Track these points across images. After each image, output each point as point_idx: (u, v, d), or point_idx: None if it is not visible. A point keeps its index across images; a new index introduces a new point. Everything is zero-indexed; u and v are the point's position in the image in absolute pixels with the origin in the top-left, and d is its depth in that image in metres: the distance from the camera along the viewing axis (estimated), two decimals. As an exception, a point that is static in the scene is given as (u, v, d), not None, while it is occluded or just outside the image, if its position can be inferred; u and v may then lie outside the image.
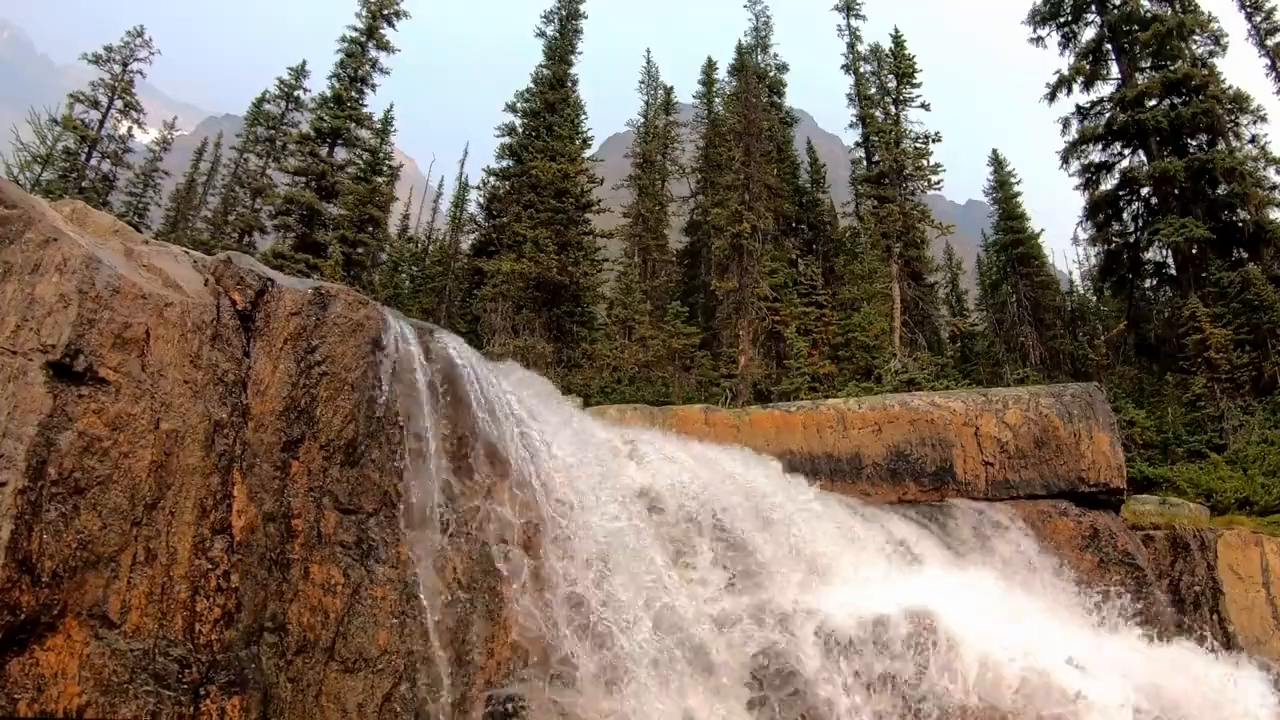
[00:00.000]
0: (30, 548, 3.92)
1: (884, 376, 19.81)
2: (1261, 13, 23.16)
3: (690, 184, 33.07)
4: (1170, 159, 21.25)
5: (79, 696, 4.00)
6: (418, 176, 47.30)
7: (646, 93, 34.92)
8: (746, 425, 10.47)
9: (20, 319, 4.29)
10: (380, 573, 5.20)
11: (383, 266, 30.53)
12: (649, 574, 6.43)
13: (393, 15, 26.70)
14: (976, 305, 32.87)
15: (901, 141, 25.52)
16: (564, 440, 7.16)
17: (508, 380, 7.39)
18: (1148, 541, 10.43)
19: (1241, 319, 18.77)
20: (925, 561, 8.62)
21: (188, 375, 4.89)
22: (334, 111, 25.25)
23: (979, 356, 25.87)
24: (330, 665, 4.86)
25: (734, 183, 24.87)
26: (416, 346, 6.10)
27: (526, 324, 22.51)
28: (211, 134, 39.02)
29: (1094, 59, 24.43)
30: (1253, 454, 15.72)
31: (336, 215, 25.13)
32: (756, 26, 33.02)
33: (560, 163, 24.64)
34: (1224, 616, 9.64)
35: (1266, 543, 10.16)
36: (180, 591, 4.49)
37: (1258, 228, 20.73)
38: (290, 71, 29.06)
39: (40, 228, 4.59)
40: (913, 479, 10.43)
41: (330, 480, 5.27)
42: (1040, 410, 10.86)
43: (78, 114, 25.28)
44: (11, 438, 4.00)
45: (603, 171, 27.75)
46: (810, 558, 7.61)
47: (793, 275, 25.94)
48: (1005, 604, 7.71)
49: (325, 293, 5.69)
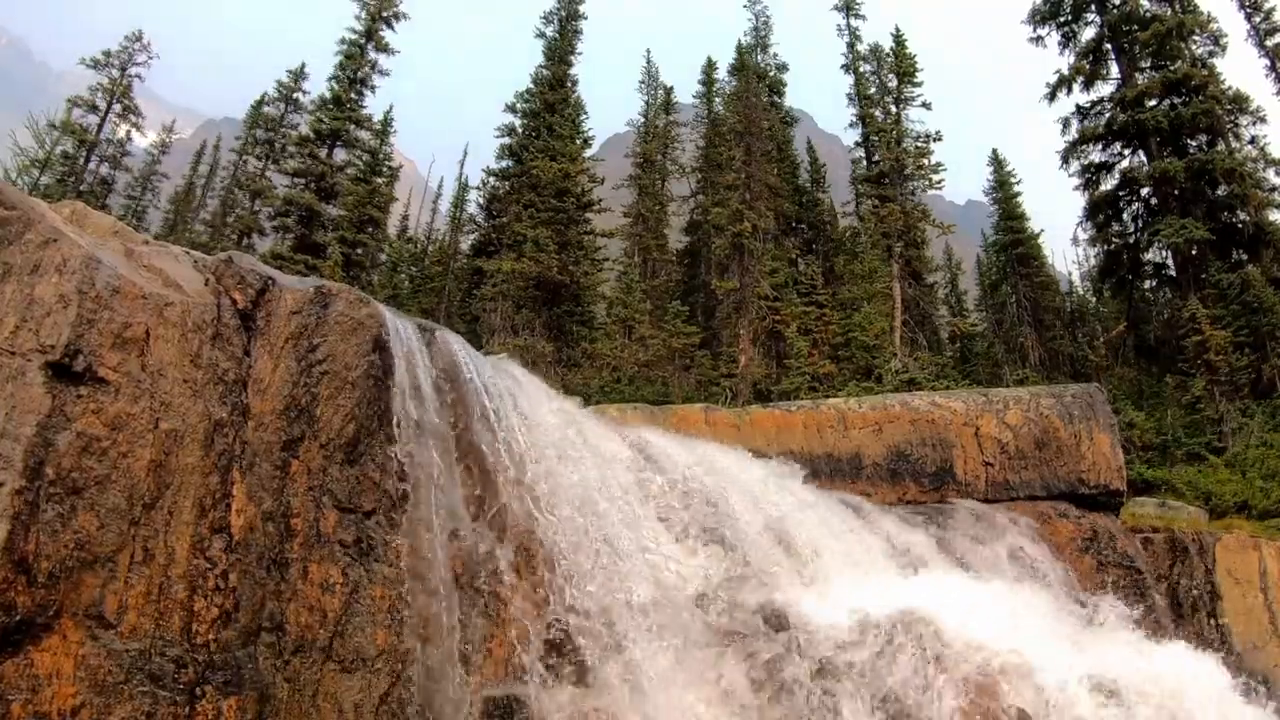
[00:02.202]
0: (27, 548, 3.92)
1: (884, 376, 19.81)
2: (1261, 13, 23.17)
3: (690, 184, 33.09)
4: (1170, 159, 21.25)
5: (74, 697, 3.99)
6: (417, 177, 47.30)
7: (646, 93, 34.98)
8: (747, 425, 10.45)
9: (19, 319, 4.28)
10: (379, 572, 5.19)
11: (382, 267, 30.55)
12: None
13: (392, 17, 26.74)
14: (976, 305, 32.87)
15: (902, 141, 25.54)
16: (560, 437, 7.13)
17: (506, 377, 7.37)
18: (1146, 544, 10.40)
19: (1241, 321, 18.74)
20: (923, 562, 8.60)
21: (187, 375, 4.88)
22: (333, 113, 25.27)
23: (979, 357, 25.86)
24: (328, 665, 4.85)
25: (734, 182, 24.88)
26: (417, 345, 6.09)
27: (526, 323, 22.52)
28: (210, 136, 39.05)
29: (1094, 59, 24.44)
30: (1252, 457, 15.69)
31: (336, 216, 25.15)
32: (756, 26, 33.11)
33: (560, 162, 24.66)
34: (1222, 621, 9.62)
35: (1265, 547, 10.13)
36: (178, 591, 4.48)
37: (1257, 229, 20.73)
38: (289, 74, 29.08)
39: (40, 228, 4.59)
40: (913, 479, 10.41)
41: (330, 479, 5.26)
42: (1041, 411, 10.84)
43: (76, 118, 25.31)
44: (9, 438, 3.99)
45: (603, 171, 27.76)
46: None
47: (793, 275, 25.95)
48: (1004, 606, 7.68)
49: (326, 291, 5.69)
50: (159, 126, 31.81)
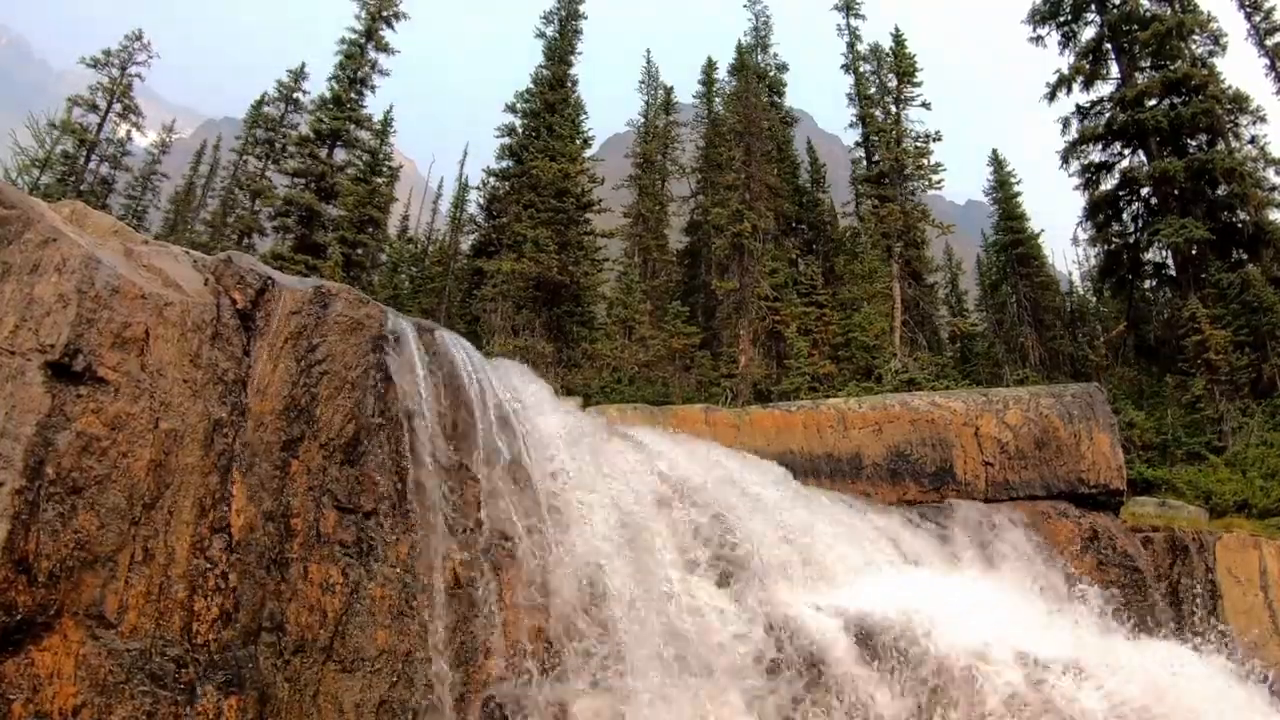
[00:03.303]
0: (27, 548, 3.92)
1: (884, 376, 19.80)
2: (1261, 13, 23.16)
3: (690, 184, 33.08)
4: (1170, 159, 21.23)
5: (75, 697, 3.99)
6: (417, 177, 47.30)
7: (646, 93, 34.97)
8: (747, 425, 10.45)
9: (19, 319, 4.28)
10: (379, 572, 5.19)
11: (382, 267, 30.54)
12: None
13: (391, 17, 26.73)
14: (976, 305, 32.86)
15: (902, 141, 25.52)
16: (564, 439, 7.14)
17: (505, 376, 7.36)
18: (1147, 543, 10.40)
19: (1241, 320, 18.73)
20: (923, 562, 8.60)
21: (187, 374, 4.88)
22: (333, 113, 25.25)
23: (979, 357, 25.85)
24: (328, 665, 4.85)
25: (734, 182, 24.88)
26: (417, 345, 6.09)
27: (526, 324, 22.50)
28: (210, 136, 39.05)
29: (1094, 58, 24.42)
30: (1252, 456, 15.68)
31: (336, 216, 25.14)
32: (756, 26, 33.10)
33: (560, 162, 24.65)
34: (1222, 620, 9.61)
35: (1265, 545, 10.13)
36: (178, 591, 4.48)
37: (1257, 229, 20.72)
38: (289, 74, 29.04)
39: (39, 228, 4.59)
40: (913, 479, 10.41)
41: (330, 479, 5.26)
42: (1041, 411, 10.84)
43: (76, 117, 25.28)
44: (9, 438, 4.00)
45: (603, 171, 27.75)
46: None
47: (793, 275, 25.93)
48: (1003, 606, 7.68)
49: (326, 291, 5.69)
50: (159, 126, 31.80)
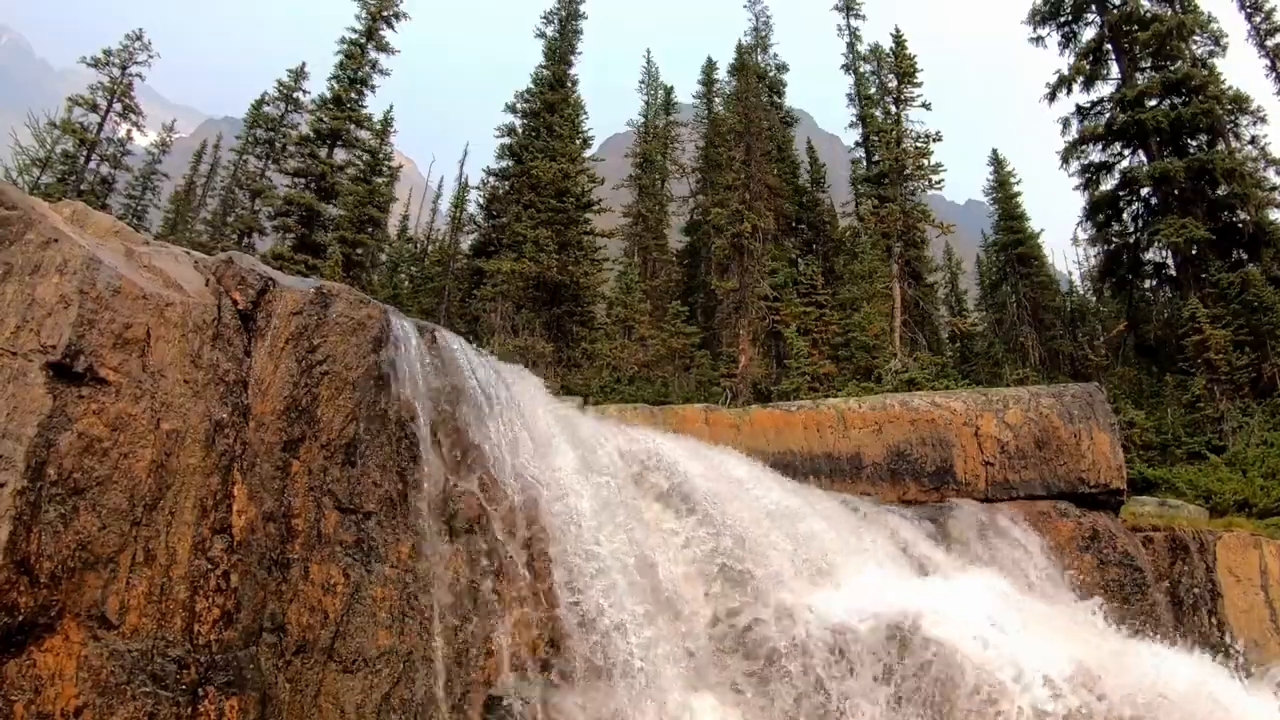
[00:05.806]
0: (29, 549, 3.92)
1: (884, 376, 19.78)
2: (1261, 13, 23.18)
3: (690, 184, 33.10)
4: (1170, 159, 21.24)
5: (76, 698, 3.99)
6: (417, 177, 47.31)
7: (646, 93, 35.00)
8: (746, 425, 10.46)
9: (20, 320, 4.28)
10: (380, 572, 5.19)
11: (382, 267, 30.54)
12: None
13: (392, 17, 26.71)
14: (976, 305, 32.88)
15: (902, 141, 25.50)
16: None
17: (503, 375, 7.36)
18: (1147, 543, 10.41)
19: (1241, 320, 18.74)
20: (922, 562, 8.60)
21: (188, 375, 4.89)
22: (333, 113, 25.24)
23: (979, 356, 25.83)
24: (329, 665, 4.85)
25: (734, 182, 24.87)
26: (418, 345, 6.09)
27: (526, 324, 22.49)
28: (210, 136, 39.03)
29: (1094, 59, 24.43)
30: (1252, 456, 15.69)
31: (336, 216, 25.13)
32: (756, 26, 33.11)
33: (560, 162, 24.65)
34: (1222, 619, 9.63)
35: (1265, 545, 10.15)
36: (179, 592, 4.48)
37: (1257, 229, 20.73)
38: (289, 73, 28.97)
39: (40, 229, 4.59)
40: (913, 479, 10.42)
41: (331, 480, 5.26)
42: (1041, 410, 10.84)
43: (76, 117, 25.23)
44: (11, 438, 4.00)
45: (603, 171, 27.76)
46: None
47: (793, 275, 25.92)
48: (1003, 607, 7.66)
49: (327, 292, 5.69)
50: (159, 126, 31.73)
